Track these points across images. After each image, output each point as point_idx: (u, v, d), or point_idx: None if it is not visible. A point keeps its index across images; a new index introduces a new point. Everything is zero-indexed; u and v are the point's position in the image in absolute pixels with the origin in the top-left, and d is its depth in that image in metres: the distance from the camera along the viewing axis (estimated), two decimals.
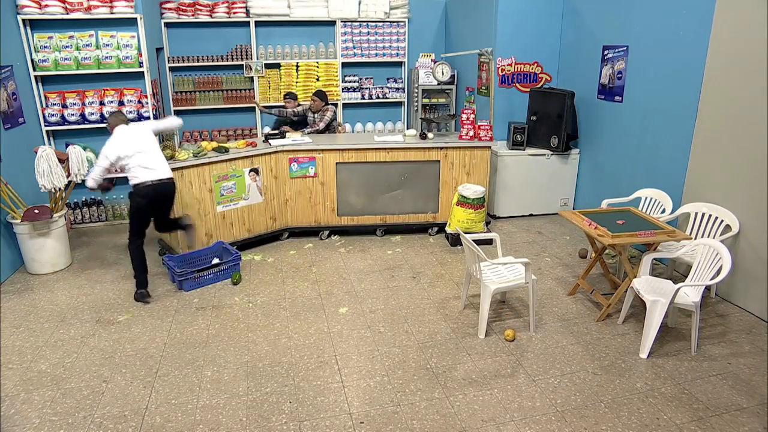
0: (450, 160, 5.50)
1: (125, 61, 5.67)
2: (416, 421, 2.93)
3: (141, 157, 4.13)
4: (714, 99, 4.24)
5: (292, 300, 4.30)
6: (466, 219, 5.27)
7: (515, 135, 6.01)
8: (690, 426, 2.89)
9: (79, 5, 5.47)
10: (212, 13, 6.71)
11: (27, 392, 3.18)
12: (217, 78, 7.00)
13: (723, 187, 4.20)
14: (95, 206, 6.01)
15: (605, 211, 4.28)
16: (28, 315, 4.08)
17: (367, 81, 7.48)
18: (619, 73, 5.32)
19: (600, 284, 4.47)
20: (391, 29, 7.25)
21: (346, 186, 5.42)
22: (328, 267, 4.92)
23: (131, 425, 2.91)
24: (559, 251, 5.26)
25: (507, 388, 3.21)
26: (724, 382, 3.26)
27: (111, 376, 3.34)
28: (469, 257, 3.81)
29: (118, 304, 4.25)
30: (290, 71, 7.10)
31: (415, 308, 4.15)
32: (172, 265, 4.45)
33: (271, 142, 5.41)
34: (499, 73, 6.26)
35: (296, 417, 2.96)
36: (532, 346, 3.63)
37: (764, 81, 3.79)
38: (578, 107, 5.92)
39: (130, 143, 4.13)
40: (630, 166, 5.28)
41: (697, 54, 4.34)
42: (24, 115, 5.22)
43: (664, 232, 3.74)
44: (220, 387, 3.22)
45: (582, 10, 5.87)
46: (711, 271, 3.45)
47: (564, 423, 2.91)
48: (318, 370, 3.39)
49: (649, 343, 3.48)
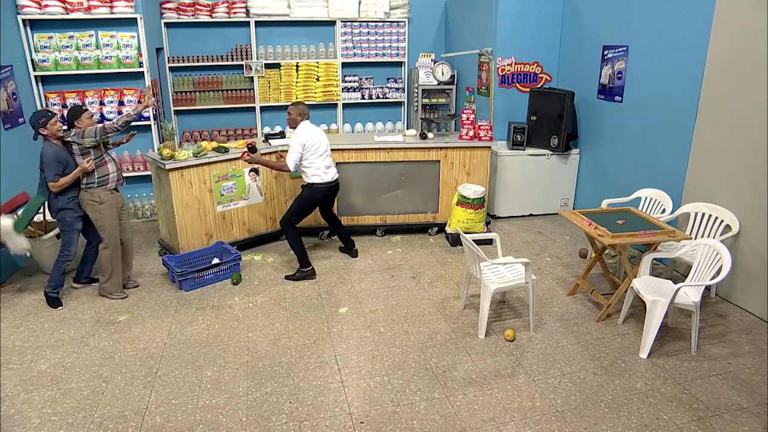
0: (450, 160, 5.50)
1: (125, 61, 5.67)
2: (416, 421, 2.93)
3: (324, 159, 4.56)
4: (714, 99, 4.24)
5: (292, 300, 4.30)
6: (466, 219, 5.28)
7: (515, 135, 6.01)
8: (690, 426, 2.89)
9: (79, 5, 5.47)
10: (212, 13, 6.71)
11: (27, 392, 3.18)
12: (217, 78, 6.99)
13: (723, 187, 4.20)
14: None
15: (605, 211, 4.28)
16: (28, 315, 4.08)
17: (367, 81, 7.48)
18: (619, 73, 5.32)
19: (600, 284, 4.47)
20: (391, 29, 7.25)
21: (346, 186, 5.42)
22: (328, 267, 4.92)
23: (131, 425, 2.91)
24: (559, 251, 5.26)
25: (507, 388, 3.21)
26: (724, 382, 3.26)
27: (111, 376, 3.34)
28: (469, 257, 3.81)
29: (118, 304, 4.25)
30: (290, 71, 7.10)
31: (415, 308, 4.15)
32: (173, 265, 4.45)
33: (271, 142, 5.41)
34: (499, 73, 6.26)
35: (296, 417, 2.96)
36: (532, 346, 3.63)
37: (764, 81, 3.79)
38: (578, 107, 5.92)
39: (313, 139, 4.48)
40: (630, 166, 5.28)
41: (697, 54, 4.34)
42: (24, 115, 5.22)
43: (664, 232, 3.74)
44: (220, 387, 3.22)
45: (582, 10, 5.87)
46: (711, 271, 3.45)
47: (564, 423, 2.91)
48: (318, 370, 3.39)
49: (649, 343, 3.48)
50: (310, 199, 4.62)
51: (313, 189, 4.58)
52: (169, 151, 4.68)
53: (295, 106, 4.57)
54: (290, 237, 4.61)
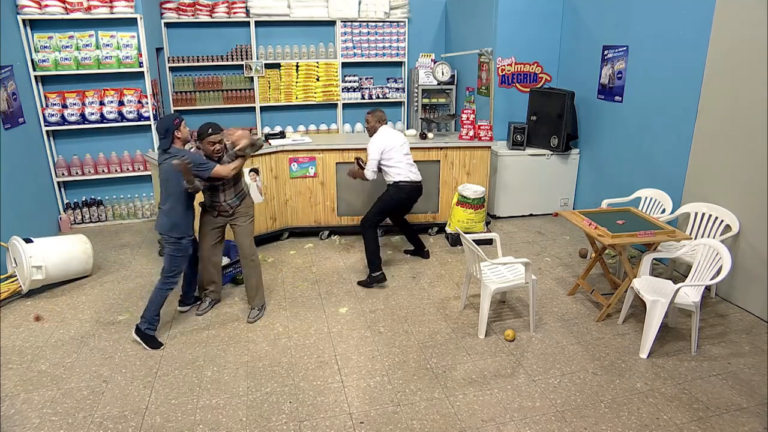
0: (450, 160, 5.50)
1: (125, 61, 5.67)
2: (416, 421, 2.93)
3: (409, 160, 4.58)
4: (714, 99, 4.24)
5: (292, 300, 4.30)
6: (466, 219, 5.27)
7: (515, 135, 6.01)
8: (690, 426, 2.89)
9: (79, 5, 5.47)
10: (212, 13, 6.71)
11: (27, 392, 3.18)
12: (217, 78, 6.99)
13: (723, 187, 4.20)
14: (95, 206, 6.01)
15: (605, 211, 4.28)
16: (28, 315, 4.08)
17: (367, 81, 7.48)
18: (619, 73, 5.32)
19: (600, 284, 4.47)
20: (391, 29, 7.25)
21: (346, 186, 5.42)
22: (328, 267, 4.92)
23: (131, 425, 2.91)
24: (559, 251, 5.26)
25: (507, 388, 3.20)
26: (724, 382, 3.26)
27: (111, 376, 3.34)
28: (469, 257, 3.81)
29: (118, 304, 4.25)
30: (290, 71, 7.10)
31: (415, 308, 4.15)
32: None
33: (271, 142, 5.41)
34: (499, 73, 6.26)
35: (296, 417, 2.96)
36: (532, 346, 3.63)
37: (764, 81, 3.79)
38: (578, 107, 5.92)
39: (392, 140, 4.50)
40: (630, 166, 5.28)
41: (697, 54, 4.34)
42: (24, 115, 5.22)
43: (664, 232, 3.74)
44: (220, 387, 3.22)
45: (582, 10, 5.87)
46: (711, 271, 3.45)
47: (564, 423, 2.91)
48: (318, 370, 3.39)
49: (649, 343, 3.48)
50: (395, 198, 4.56)
51: (398, 188, 4.52)
52: None
53: (373, 113, 4.59)
54: (368, 238, 4.46)
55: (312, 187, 5.42)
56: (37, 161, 5.52)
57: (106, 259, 5.11)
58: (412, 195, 4.64)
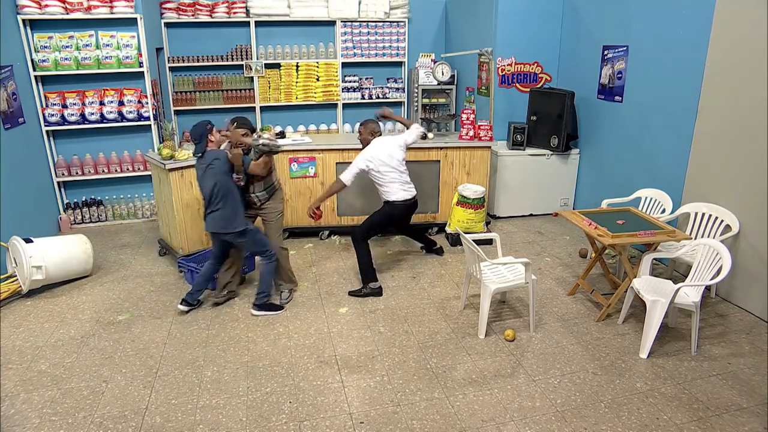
0: (450, 160, 5.50)
1: (125, 61, 5.67)
2: (416, 421, 2.93)
3: (402, 176, 4.47)
4: (714, 99, 4.24)
5: (292, 300, 4.30)
6: (466, 219, 5.27)
7: (515, 135, 6.01)
8: (690, 426, 2.89)
9: (79, 5, 5.47)
10: (212, 13, 6.71)
11: (27, 392, 3.18)
12: (217, 78, 6.99)
13: (723, 187, 4.20)
14: (95, 206, 6.01)
15: (605, 211, 4.28)
16: (28, 315, 4.08)
17: (367, 81, 7.48)
18: (619, 73, 5.32)
19: (600, 284, 4.47)
20: (391, 29, 7.25)
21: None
22: (328, 267, 4.92)
23: (131, 425, 2.91)
24: (559, 251, 5.26)
25: (507, 388, 3.20)
26: (724, 382, 3.26)
27: (111, 376, 3.34)
28: (469, 257, 3.81)
29: (118, 304, 4.25)
30: (290, 71, 7.10)
31: (415, 308, 4.15)
32: (194, 266, 4.41)
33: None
34: (499, 73, 6.26)
35: (296, 417, 2.96)
36: (532, 346, 3.63)
37: (764, 81, 3.79)
38: (578, 107, 5.92)
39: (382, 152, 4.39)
40: (630, 166, 5.28)
41: (697, 54, 4.34)
42: (24, 115, 5.22)
43: (664, 232, 3.74)
44: (220, 387, 3.22)
45: (582, 10, 5.87)
46: (711, 271, 3.45)
47: (564, 423, 2.91)
48: (318, 370, 3.39)
49: (649, 343, 3.48)
50: (388, 215, 4.52)
51: (392, 206, 4.48)
52: (169, 151, 4.68)
53: (365, 125, 4.54)
54: (360, 251, 4.38)
55: (312, 187, 5.42)
56: (37, 161, 5.52)
57: (106, 259, 5.11)
58: (407, 211, 4.62)
